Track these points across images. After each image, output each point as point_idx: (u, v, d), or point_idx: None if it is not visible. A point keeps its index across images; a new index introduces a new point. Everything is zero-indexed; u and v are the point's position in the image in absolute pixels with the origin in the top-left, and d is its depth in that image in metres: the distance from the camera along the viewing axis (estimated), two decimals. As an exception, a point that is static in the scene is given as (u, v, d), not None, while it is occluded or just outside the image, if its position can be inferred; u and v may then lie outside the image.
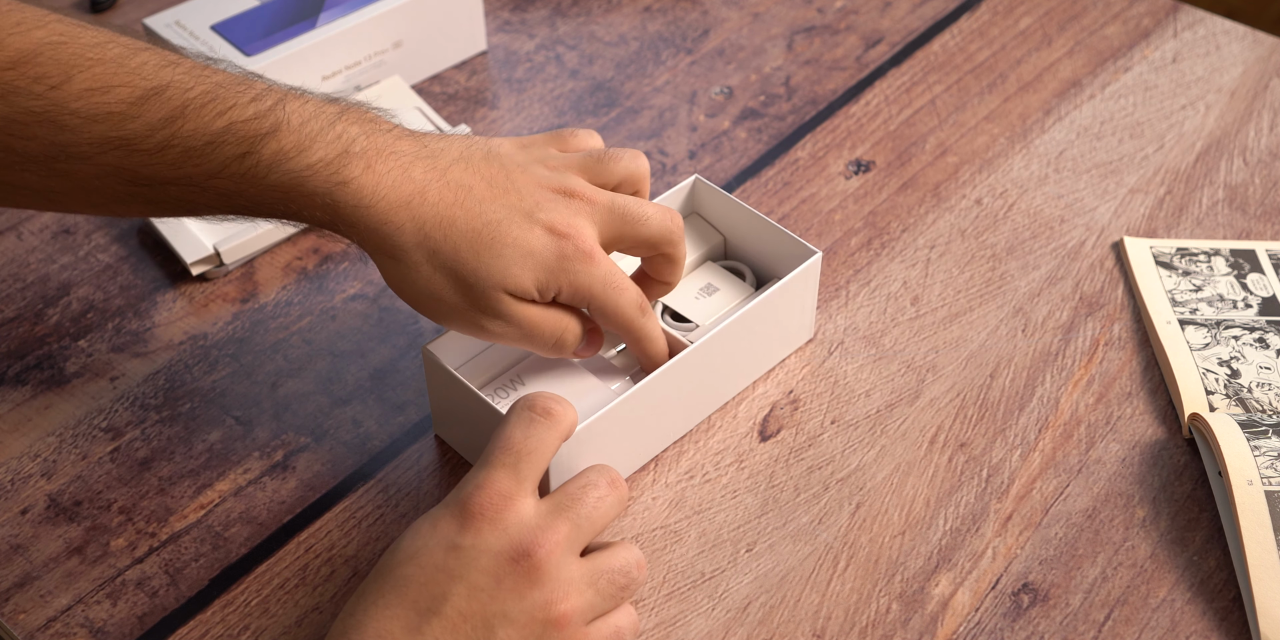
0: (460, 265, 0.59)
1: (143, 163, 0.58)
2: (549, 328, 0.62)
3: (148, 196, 0.60)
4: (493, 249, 0.59)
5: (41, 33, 0.58)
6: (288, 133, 0.58)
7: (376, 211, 0.58)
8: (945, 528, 0.66)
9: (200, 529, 0.66)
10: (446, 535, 0.55)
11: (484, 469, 0.56)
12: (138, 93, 0.57)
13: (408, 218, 0.59)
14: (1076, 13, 0.95)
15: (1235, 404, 0.70)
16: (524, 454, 0.56)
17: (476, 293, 0.60)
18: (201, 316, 0.76)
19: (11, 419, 0.71)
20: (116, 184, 0.59)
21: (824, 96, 0.89)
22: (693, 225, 0.74)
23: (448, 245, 0.59)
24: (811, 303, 0.72)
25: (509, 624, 0.54)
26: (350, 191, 0.58)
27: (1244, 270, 0.77)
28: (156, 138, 0.57)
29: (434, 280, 0.60)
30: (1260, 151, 0.85)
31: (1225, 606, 0.63)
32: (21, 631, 0.62)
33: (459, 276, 0.59)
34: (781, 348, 0.73)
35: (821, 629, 0.62)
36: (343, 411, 0.71)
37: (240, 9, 0.84)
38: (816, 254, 0.69)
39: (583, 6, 0.96)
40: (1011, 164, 0.85)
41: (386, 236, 0.59)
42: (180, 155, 0.58)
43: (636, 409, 0.64)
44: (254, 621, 0.63)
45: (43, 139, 0.57)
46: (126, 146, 0.58)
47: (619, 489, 0.59)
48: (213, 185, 0.59)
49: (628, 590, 0.58)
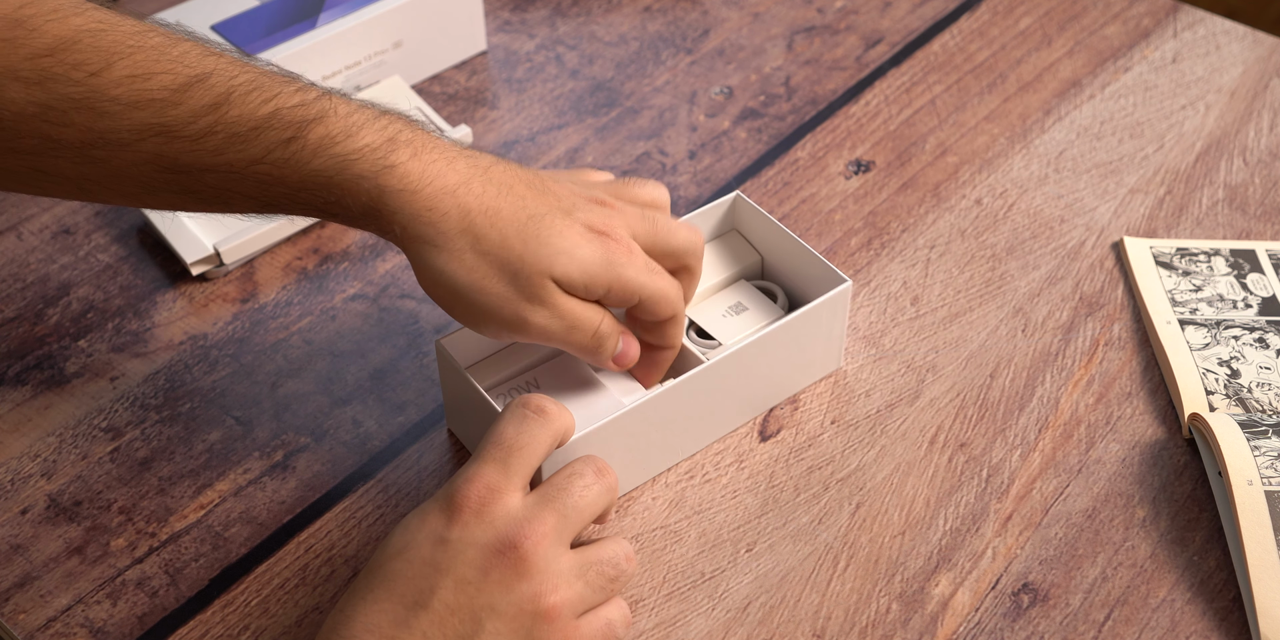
0: (507, 251, 0.59)
1: (183, 150, 0.58)
2: (592, 320, 0.61)
3: (184, 185, 0.59)
4: (540, 238, 0.59)
5: (79, 20, 0.57)
6: (335, 119, 0.58)
7: (423, 196, 0.58)
8: (945, 528, 0.66)
9: (200, 529, 0.66)
10: (434, 529, 0.55)
11: (474, 463, 0.56)
12: (180, 80, 0.57)
13: (453, 205, 0.58)
14: (1076, 13, 0.95)
15: (1235, 404, 0.70)
16: (514, 449, 0.56)
17: (523, 279, 0.59)
18: (201, 316, 0.76)
19: (11, 419, 0.71)
20: (153, 172, 0.58)
21: (824, 96, 0.89)
22: (730, 242, 0.74)
23: (494, 232, 0.59)
24: (840, 332, 0.70)
25: (497, 617, 0.53)
26: (397, 175, 0.58)
27: (1244, 270, 0.77)
28: (200, 124, 0.57)
29: (477, 269, 0.59)
30: (1260, 151, 0.85)
31: (1225, 606, 0.63)
32: (21, 631, 0.62)
33: (505, 262, 0.59)
34: (804, 376, 0.71)
35: (821, 629, 0.62)
36: (343, 411, 0.71)
37: (240, 9, 0.84)
38: (847, 283, 0.68)
39: (583, 6, 0.96)
40: (1011, 164, 0.85)
41: (431, 223, 0.58)
42: (224, 141, 0.57)
43: (642, 422, 0.64)
44: (254, 621, 0.63)
45: (80, 126, 0.57)
46: (168, 133, 0.57)
47: (606, 477, 0.59)
48: (253, 172, 0.58)
49: (618, 582, 0.57)
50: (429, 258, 0.59)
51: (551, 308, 0.60)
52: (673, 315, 0.64)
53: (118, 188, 0.60)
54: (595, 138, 0.86)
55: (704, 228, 0.73)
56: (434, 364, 0.73)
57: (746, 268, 0.73)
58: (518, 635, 0.54)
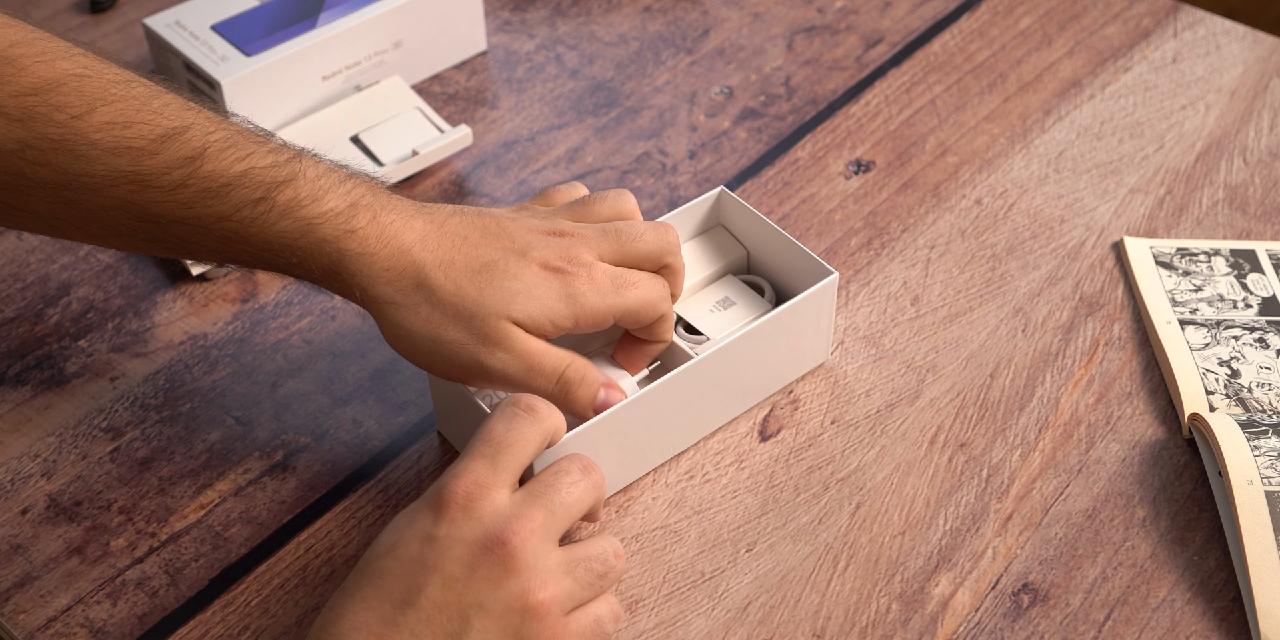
0: (462, 299, 0.60)
1: (155, 199, 0.59)
2: (555, 364, 0.61)
3: (151, 234, 0.61)
4: (494, 283, 0.61)
5: (66, 64, 0.59)
6: (303, 183, 0.60)
7: (379, 258, 0.60)
8: (945, 528, 0.66)
9: (200, 529, 0.66)
10: (422, 526, 0.55)
11: (462, 460, 0.57)
12: (159, 130, 0.59)
13: (408, 263, 0.60)
14: (1076, 13, 0.95)
15: (1235, 404, 0.70)
16: (503, 446, 0.57)
17: (478, 322, 0.60)
18: (201, 316, 0.76)
19: (11, 419, 0.71)
20: (123, 218, 0.60)
21: (824, 96, 0.89)
22: (716, 238, 0.74)
23: (449, 283, 0.60)
24: (827, 325, 0.71)
25: (485, 614, 0.53)
26: (357, 239, 0.60)
27: (1244, 270, 0.77)
28: (174, 176, 0.59)
29: (433, 319, 0.60)
30: (1260, 151, 0.85)
31: (1225, 606, 0.63)
32: (21, 631, 0.62)
33: (460, 310, 0.60)
34: (793, 369, 0.72)
35: (821, 629, 0.62)
36: (343, 411, 0.71)
37: (240, 9, 0.84)
38: (833, 275, 0.68)
39: (583, 6, 0.96)
40: (1011, 164, 0.85)
41: (389, 283, 0.60)
42: (195, 195, 0.59)
43: (632, 419, 0.64)
44: (254, 621, 0.63)
45: (56, 166, 0.58)
46: (141, 182, 0.59)
47: (592, 474, 0.59)
48: (220, 228, 0.60)
49: (607, 578, 0.57)
50: (389, 315, 0.61)
51: (509, 350, 0.60)
52: (658, 317, 0.64)
53: (87, 229, 0.61)
54: (595, 138, 0.86)
55: (688, 224, 0.73)
56: (434, 364, 0.73)
57: (733, 262, 0.73)
58: (506, 633, 0.54)
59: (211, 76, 0.80)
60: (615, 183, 0.83)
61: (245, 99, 0.81)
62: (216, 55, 0.81)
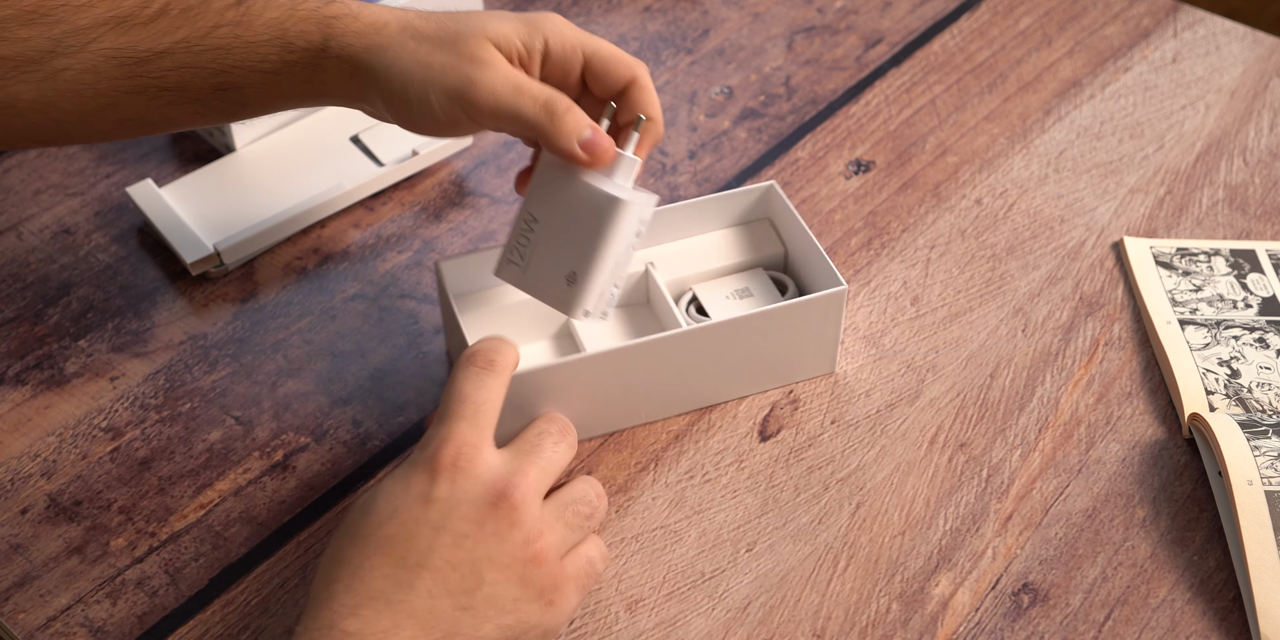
0: (443, 29, 0.62)
1: (140, 37, 0.61)
2: (541, 89, 0.62)
3: (142, 83, 0.62)
4: (472, 14, 0.63)
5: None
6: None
7: (364, 16, 0.62)
8: (945, 528, 0.66)
9: (200, 529, 0.66)
10: (421, 490, 0.56)
11: (445, 423, 0.58)
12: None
13: (392, 17, 0.63)
14: (1076, 13, 0.95)
15: (1235, 404, 0.70)
16: (479, 405, 0.58)
17: (461, 43, 0.61)
18: (201, 316, 0.76)
19: (11, 419, 0.71)
20: (113, 73, 0.61)
21: (824, 96, 0.89)
22: (759, 231, 0.75)
23: (431, 22, 0.63)
24: (834, 336, 0.70)
25: (494, 567, 0.55)
26: (339, 5, 0.63)
27: (1244, 270, 0.77)
28: (153, 6, 0.61)
29: (419, 50, 0.61)
30: (1260, 151, 0.85)
31: (1225, 606, 0.63)
32: (21, 631, 0.62)
33: (442, 38, 0.62)
34: (791, 371, 0.71)
35: (821, 629, 0.62)
36: (343, 411, 0.71)
37: (240, 9, 0.84)
38: (842, 287, 0.68)
39: (583, 6, 0.96)
40: (1011, 164, 0.85)
41: (376, 31, 0.62)
42: (178, 17, 0.61)
43: (603, 371, 0.66)
44: (254, 621, 0.63)
45: (38, 35, 0.60)
46: (124, 22, 0.61)
47: (569, 435, 0.62)
48: (209, 43, 0.61)
49: (593, 519, 0.60)
50: (381, 62, 0.62)
51: (495, 67, 0.61)
52: (633, 77, 0.64)
53: (78, 107, 0.62)
54: (595, 138, 0.86)
55: (729, 210, 0.74)
56: (434, 364, 0.73)
57: (768, 258, 0.74)
58: (513, 582, 0.56)
59: (211, 76, 0.80)
60: (615, 183, 0.83)
61: (245, 99, 0.81)
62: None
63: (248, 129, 0.83)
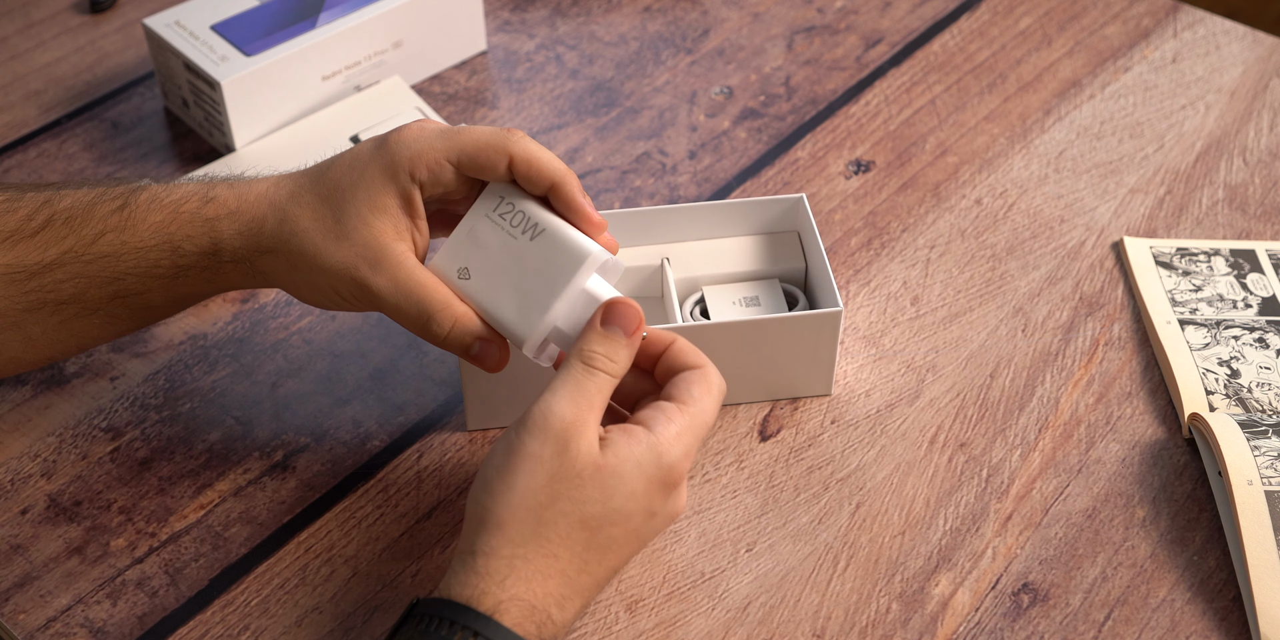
0: (321, 215, 0.61)
1: (27, 249, 0.61)
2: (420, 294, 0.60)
3: (39, 298, 0.62)
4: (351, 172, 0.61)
5: None
6: (155, 186, 0.63)
7: (243, 213, 0.61)
8: (945, 528, 0.66)
9: (200, 529, 0.66)
10: (652, 504, 0.57)
11: (687, 436, 0.57)
12: (9, 193, 0.63)
13: (270, 209, 0.61)
14: (1076, 13, 0.95)
15: (1235, 404, 0.70)
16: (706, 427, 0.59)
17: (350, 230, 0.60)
18: (201, 316, 0.76)
19: (11, 419, 0.71)
20: (7, 293, 0.62)
21: (824, 96, 0.89)
22: (784, 243, 0.74)
23: (307, 206, 0.61)
24: (829, 356, 0.70)
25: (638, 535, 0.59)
26: (218, 204, 0.62)
27: (1244, 270, 0.77)
28: (38, 219, 0.62)
29: (307, 245, 0.60)
30: (1260, 151, 0.85)
31: (1225, 606, 0.63)
32: (21, 631, 0.62)
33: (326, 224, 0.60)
34: (782, 387, 0.71)
35: (821, 629, 0.62)
36: (343, 411, 0.71)
37: (240, 9, 0.84)
38: (837, 308, 0.68)
39: (583, 6, 0.96)
40: (1011, 164, 0.85)
41: (259, 230, 0.61)
42: (62, 227, 0.62)
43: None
44: (254, 621, 0.63)
45: None
46: (12, 237, 0.61)
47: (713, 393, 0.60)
48: (97, 250, 0.62)
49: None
50: (271, 267, 0.62)
51: (382, 268, 0.60)
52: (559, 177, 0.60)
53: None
54: (595, 138, 0.86)
55: (762, 217, 0.74)
56: (434, 364, 0.73)
57: (787, 270, 0.74)
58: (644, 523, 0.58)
59: (211, 76, 0.80)
60: (615, 182, 0.83)
61: (245, 99, 0.81)
62: (216, 55, 0.81)
63: (248, 129, 0.83)
